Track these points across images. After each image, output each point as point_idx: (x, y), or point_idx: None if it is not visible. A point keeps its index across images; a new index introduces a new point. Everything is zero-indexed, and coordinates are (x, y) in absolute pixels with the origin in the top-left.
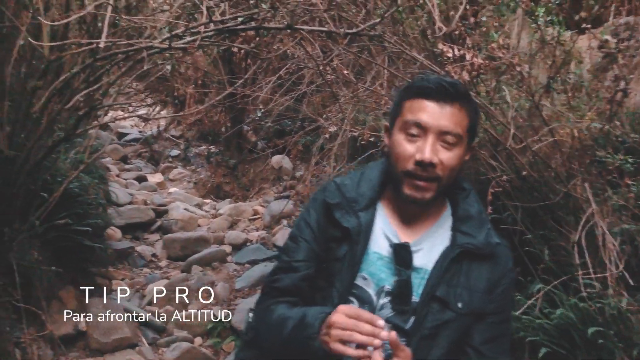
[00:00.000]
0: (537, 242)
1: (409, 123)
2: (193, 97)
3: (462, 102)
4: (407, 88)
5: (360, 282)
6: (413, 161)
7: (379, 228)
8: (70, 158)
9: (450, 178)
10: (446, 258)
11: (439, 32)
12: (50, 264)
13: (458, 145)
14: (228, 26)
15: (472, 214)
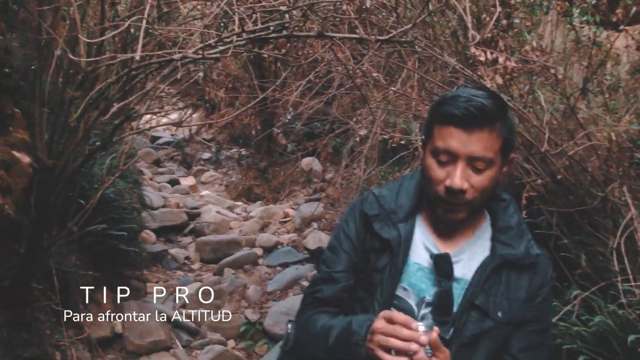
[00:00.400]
0: (573, 247)
1: (439, 150)
2: (224, 100)
3: (492, 124)
4: (436, 110)
5: (401, 293)
6: (443, 187)
7: (419, 239)
8: (106, 164)
9: (483, 198)
10: (486, 268)
11: (473, 40)
12: (87, 268)
13: (489, 168)
14: (259, 35)
15: (512, 225)
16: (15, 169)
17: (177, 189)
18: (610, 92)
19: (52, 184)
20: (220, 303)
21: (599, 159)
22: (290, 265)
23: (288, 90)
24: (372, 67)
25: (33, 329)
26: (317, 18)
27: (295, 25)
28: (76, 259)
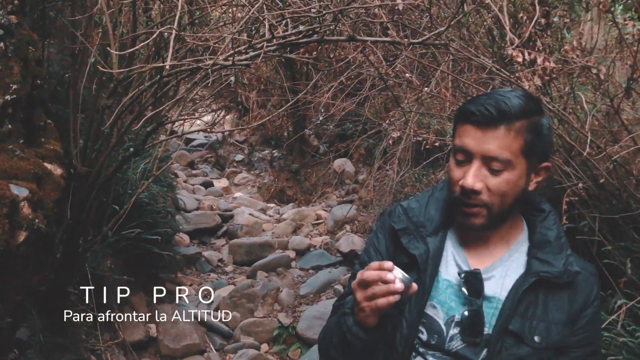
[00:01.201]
0: (617, 254)
1: (456, 148)
2: (256, 102)
3: (510, 123)
4: (458, 109)
5: (430, 311)
6: (459, 187)
7: (450, 254)
8: (140, 169)
9: (506, 203)
10: (519, 287)
11: (512, 43)
12: (122, 272)
13: (507, 170)
14: (290, 40)
15: (550, 239)
16: (47, 182)
17: (210, 191)
18: None
19: (87, 190)
20: (253, 306)
21: None
22: (323, 268)
23: (320, 92)
24: (405, 68)
25: (69, 334)
26: (348, 21)
27: (326, 29)
28: (111, 263)
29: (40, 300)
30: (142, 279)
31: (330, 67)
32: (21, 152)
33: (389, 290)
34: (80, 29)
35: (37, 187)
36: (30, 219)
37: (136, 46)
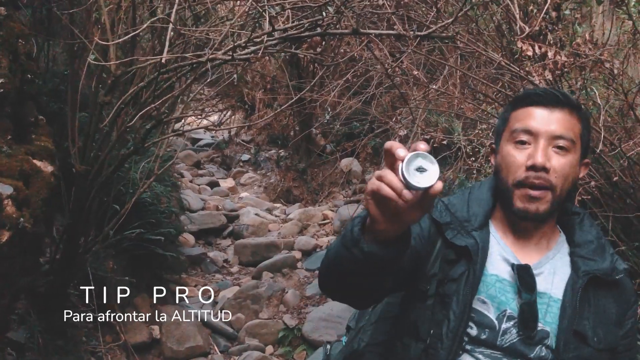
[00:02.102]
0: (632, 254)
1: (517, 131)
2: (262, 101)
3: (573, 108)
4: (512, 100)
5: (479, 306)
6: (524, 169)
7: (495, 249)
8: (143, 168)
9: (564, 190)
10: (575, 286)
11: (521, 33)
12: (125, 272)
13: (572, 151)
14: (292, 34)
15: (591, 239)
16: (36, 180)
17: (216, 191)
18: None
19: (87, 189)
20: (258, 308)
21: None
22: None
23: (326, 91)
24: (412, 65)
25: (69, 336)
26: (352, 14)
27: (329, 22)
28: (114, 264)
29: (39, 301)
30: (146, 279)
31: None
32: (8, 149)
33: (394, 182)
34: (80, 25)
35: (24, 185)
36: (15, 218)
37: (134, 41)
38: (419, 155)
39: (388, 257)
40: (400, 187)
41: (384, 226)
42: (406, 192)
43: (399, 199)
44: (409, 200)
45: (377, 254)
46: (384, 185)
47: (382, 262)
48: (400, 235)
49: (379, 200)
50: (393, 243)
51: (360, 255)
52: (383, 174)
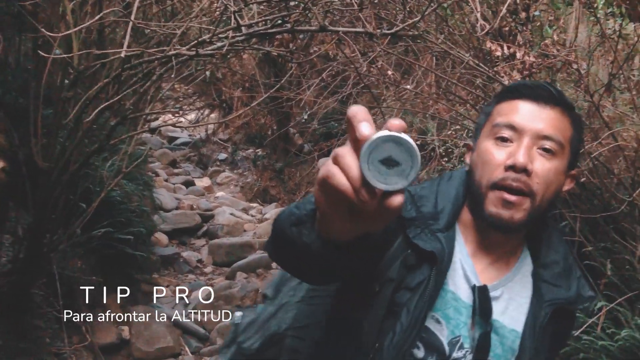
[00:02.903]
0: (598, 255)
1: (499, 126)
2: (240, 100)
3: (566, 109)
4: (498, 93)
5: (432, 325)
6: (502, 169)
7: (457, 258)
8: (112, 166)
9: (545, 199)
10: (538, 318)
11: (482, 30)
12: (94, 272)
13: (559, 156)
14: (258, 30)
15: (558, 259)
16: None
17: (192, 190)
18: (638, 88)
19: (51, 187)
20: (231, 308)
21: (626, 161)
22: None
23: (302, 89)
24: (387, 65)
25: (32, 337)
26: (320, 11)
27: (296, 18)
28: (82, 264)
29: (1, 302)
30: (115, 279)
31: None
32: None
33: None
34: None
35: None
36: None
37: (102, 36)
38: (391, 139)
39: (334, 260)
40: (358, 179)
41: (336, 225)
42: (364, 191)
43: (354, 196)
44: (368, 202)
45: (316, 251)
46: (338, 173)
47: (325, 262)
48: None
49: (329, 192)
50: (348, 247)
51: (297, 240)
52: (341, 154)
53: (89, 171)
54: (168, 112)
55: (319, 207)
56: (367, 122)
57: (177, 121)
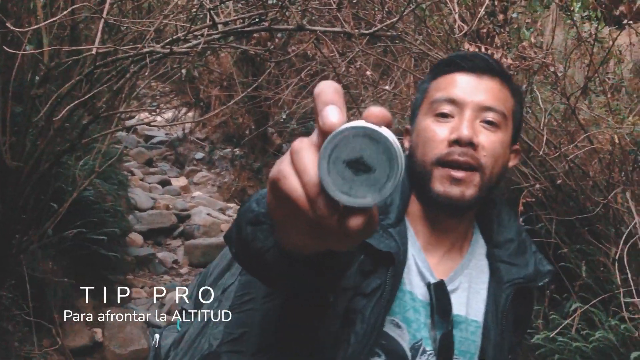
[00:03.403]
0: (573, 256)
1: (438, 101)
2: (218, 99)
3: (505, 80)
4: (433, 67)
5: (392, 331)
6: (446, 144)
7: (411, 254)
8: (85, 165)
9: (495, 174)
10: (498, 303)
11: (459, 32)
12: (67, 273)
13: (502, 128)
14: (235, 28)
15: (512, 236)
16: None
17: (168, 190)
18: (613, 91)
19: (20, 187)
20: None
21: (601, 163)
22: None
23: (281, 89)
24: (366, 66)
25: (0, 341)
26: (298, 10)
27: (273, 17)
28: (53, 265)
29: None
30: (89, 281)
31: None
32: None
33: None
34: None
35: None
36: None
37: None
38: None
39: (286, 271)
40: (315, 185)
41: (293, 237)
42: (321, 203)
43: (308, 208)
44: (326, 218)
45: (271, 259)
46: (291, 175)
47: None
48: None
49: (281, 199)
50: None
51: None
52: (297, 149)
53: (60, 170)
54: (144, 111)
55: (272, 214)
56: (336, 105)
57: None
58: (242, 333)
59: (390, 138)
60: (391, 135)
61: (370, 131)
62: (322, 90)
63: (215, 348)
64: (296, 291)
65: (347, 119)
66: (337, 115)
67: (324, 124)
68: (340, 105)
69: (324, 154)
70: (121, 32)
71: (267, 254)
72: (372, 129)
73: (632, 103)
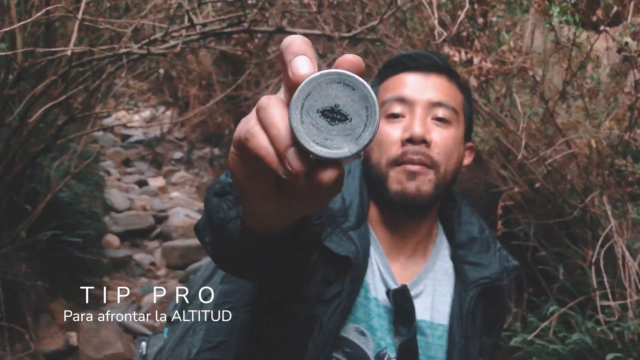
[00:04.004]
0: (551, 259)
1: (388, 102)
2: (197, 98)
3: (452, 76)
4: (380, 70)
5: (357, 339)
6: (400, 144)
7: (374, 260)
8: (60, 166)
9: (449, 171)
10: (464, 305)
11: (439, 37)
12: (41, 276)
13: (454, 124)
14: (213, 29)
15: (474, 234)
16: None
17: (145, 191)
18: (591, 95)
19: None
20: None
21: (579, 167)
22: None
23: (261, 89)
24: None
25: None
26: (277, 12)
27: (253, 19)
28: (27, 268)
29: None
30: (63, 283)
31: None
32: None
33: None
34: None
35: None
36: None
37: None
38: (340, 79)
39: (252, 250)
40: (285, 139)
41: (257, 205)
42: (292, 157)
43: (277, 164)
44: (296, 174)
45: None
46: (259, 132)
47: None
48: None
49: (247, 159)
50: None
51: (215, 214)
52: (264, 105)
53: (35, 171)
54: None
55: (236, 179)
56: (306, 55)
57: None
58: (221, 342)
59: (367, 84)
60: (366, 83)
61: (346, 77)
62: (291, 41)
63: (194, 356)
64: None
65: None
66: (307, 65)
67: (293, 75)
68: (310, 55)
69: (295, 103)
70: (98, 31)
71: (230, 224)
72: (348, 74)
73: (608, 107)
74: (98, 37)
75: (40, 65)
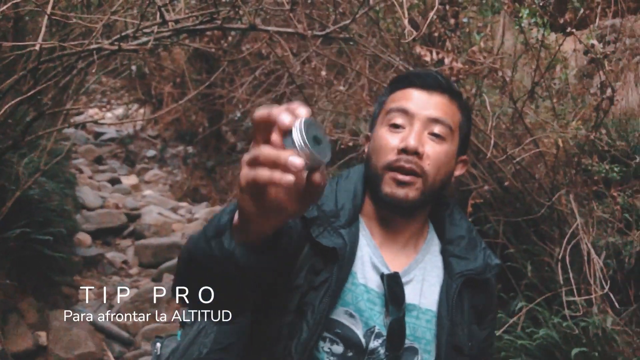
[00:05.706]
0: (520, 256)
1: (392, 112)
2: (171, 95)
3: (454, 96)
4: (390, 82)
5: (346, 320)
6: (396, 152)
7: (365, 251)
8: (30, 163)
9: (437, 180)
10: (450, 293)
11: (409, 37)
12: (9, 275)
13: (448, 140)
14: (186, 26)
15: (462, 233)
16: None
17: (117, 189)
18: (559, 96)
19: None
20: (157, 311)
21: (546, 166)
22: None
23: (235, 87)
24: (321, 66)
25: None
26: (251, 10)
27: (225, 16)
28: None
29: None
30: (33, 282)
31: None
32: None
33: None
34: None
35: None
36: None
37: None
38: (313, 121)
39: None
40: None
41: (257, 225)
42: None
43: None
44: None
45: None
46: (262, 170)
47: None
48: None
49: (258, 193)
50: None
51: (218, 252)
52: (257, 154)
53: (3, 168)
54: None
55: (245, 211)
56: (284, 112)
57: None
58: (229, 344)
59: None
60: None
61: (314, 120)
62: (269, 111)
63: (204, 356)
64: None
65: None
66: (290, 116)
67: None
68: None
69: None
70: (69, 26)
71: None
72: (314, 118)
73: (576, 107)
74: (69, 32)
75: (9, 60)
